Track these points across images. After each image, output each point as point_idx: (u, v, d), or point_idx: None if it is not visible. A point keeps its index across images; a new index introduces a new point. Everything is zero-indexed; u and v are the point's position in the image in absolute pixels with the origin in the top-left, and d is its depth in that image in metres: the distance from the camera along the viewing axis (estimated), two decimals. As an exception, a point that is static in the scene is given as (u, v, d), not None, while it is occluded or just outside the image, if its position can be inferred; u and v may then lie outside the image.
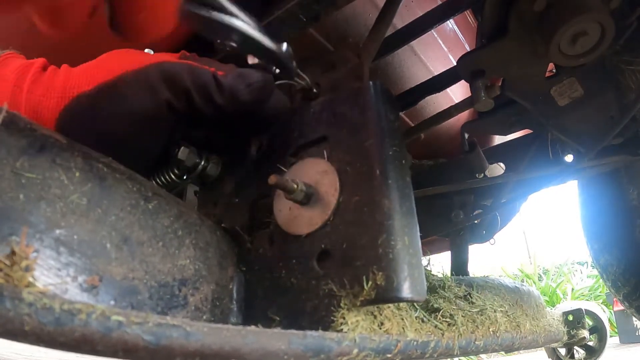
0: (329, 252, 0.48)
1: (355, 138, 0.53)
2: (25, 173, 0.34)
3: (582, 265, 6.47)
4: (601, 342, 1.77)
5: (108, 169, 0.41)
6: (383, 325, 0.47)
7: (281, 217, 0.55)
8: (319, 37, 0.96)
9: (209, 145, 0.68)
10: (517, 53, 0.78)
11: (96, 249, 0.37)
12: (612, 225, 1.37)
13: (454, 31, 1.20)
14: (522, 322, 0.85)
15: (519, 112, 1.00)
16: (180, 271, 0.44)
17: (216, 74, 0.52)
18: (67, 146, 0.39)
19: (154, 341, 0.30)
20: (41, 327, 0.28)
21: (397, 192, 0.48)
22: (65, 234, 0.35)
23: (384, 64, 1.11)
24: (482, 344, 0.66)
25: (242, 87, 0.53)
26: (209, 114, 0.54)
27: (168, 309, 0.42)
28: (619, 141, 0.99)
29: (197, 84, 0.51)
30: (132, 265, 0.39)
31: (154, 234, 0.42)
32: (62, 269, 0.35)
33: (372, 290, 0.42)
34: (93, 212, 0.38)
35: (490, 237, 1.35)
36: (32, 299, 0.28)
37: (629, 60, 0.82)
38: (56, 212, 0.35)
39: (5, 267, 0.29)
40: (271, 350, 0.35)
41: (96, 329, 0.29)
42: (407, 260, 0.44)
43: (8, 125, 0.36)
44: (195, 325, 0.32)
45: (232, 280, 0.53)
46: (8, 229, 0.32)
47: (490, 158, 1.21)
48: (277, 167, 0.59)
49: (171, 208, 0.46)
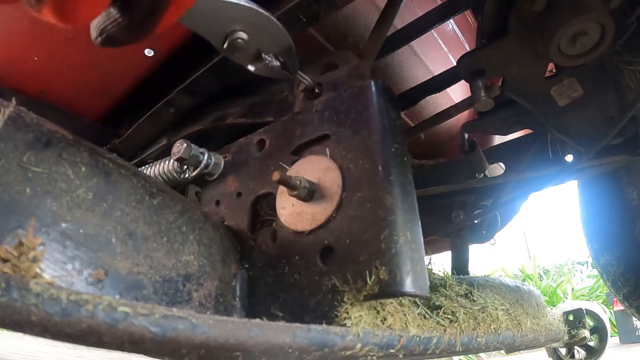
0: (332, 248, 0.49)
1: (358, 135, 0.53)
2: (31, 167, 0.35)
3: (582, 265, 6.48)
4: (602, 343, 1.77)
5: (114, 164, 0.41)
6: (386, 321, 0.47)
7: (284, 214, 0.55)
8: (319, 37, 0.97)
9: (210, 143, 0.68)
10: (517, 53, 0.78)
11: (102, 243, 0.37)
12: (612, 225, 1.37)
13: (454, 31, 1.21)
14: (523, 320, 0.85)
15: (519, 112, 1.00)
16: (185, 267, 0.45)
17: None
18: (73, 141, 0.39)
19: (160, 333, 0.30)
20: (48, 317, 0.28)
21: (399, 188, 0.48)
22: (71, 228, 0.35)
23: (384, 64, 1.12)
24: (484, 341, 0.66)
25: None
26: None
27: (172, 304, 0.43)
28: (619, 141, 1.00)
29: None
30: (137, 260, 0.39)
31: (159, 229, 0.42)
32: (68, 262, 0.35)
33: (375, 285, 0.43)
34: (99, 206, 0.38)
35: (490, 237, 1.36)
36: (40, 290, 0.28)
37: (629, 60, 0.82)
38: (62, 206, 0.35)
39: (12, 258, 0.29)
40: (276, 344, 0.36)
41: (103, 320, 0.29)
42: (410, 255, 0.44)
43: (15, 120, 0.36)
44: (201, 318, 0.32)
45: (235, 276, 0.54)
46: (15, 222, 0.32)
47: (490, 158, 1.21)
48: (279, 165, 0.60)
49: (175, 204, 0.47)
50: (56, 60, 0.81)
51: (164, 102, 0.85)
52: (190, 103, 0.86)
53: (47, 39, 0.77)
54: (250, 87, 0.85)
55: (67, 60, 0.81)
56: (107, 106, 0.94)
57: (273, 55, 0.55)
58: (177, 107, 0.86)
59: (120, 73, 0.86)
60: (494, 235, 1.36)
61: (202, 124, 0.87)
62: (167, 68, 0.84)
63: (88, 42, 0.40)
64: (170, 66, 0.84)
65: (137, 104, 0.91)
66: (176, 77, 0.83)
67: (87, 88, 0.88)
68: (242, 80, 0.84)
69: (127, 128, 0.95)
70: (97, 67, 0.83)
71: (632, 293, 1.37)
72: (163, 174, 0.80)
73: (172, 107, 0.86)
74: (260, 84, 0.83)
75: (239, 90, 0.87)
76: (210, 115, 0.87)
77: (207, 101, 0.87)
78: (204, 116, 0.88)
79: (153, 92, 0.87)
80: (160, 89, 0.85)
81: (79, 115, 0.93)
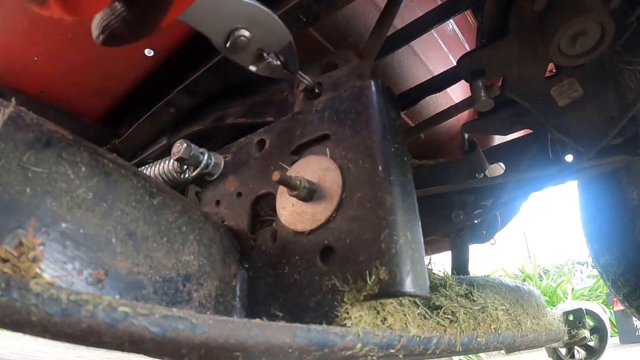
0: (332, 247, 0.49)
1: (358, 135, 0.53)
2: (31, 167, 0.35)
3: (582, 265, 6.48)
4: (602, 343, 1.77)
5: (114, 164, 0.41)
6: (386, 321, 0.47)
7: (284, 214, 0.55)
8: (319, 37, 0.97)
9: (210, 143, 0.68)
10: (517, 53, 0.78)
11: (102, 243, 0.37)
12: (612, 225, 1.37)
13: (454, 31, 1.21)
14: (523, 320, 0.85)
15: (519, 112, 1.00)
16: (185, 267, 0.45)
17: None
18: (73, 141, 0.39)
19: (160, 333, 0.30)
20: (48, 317, 0.28)
21: (399, 188, 0.48)
22: (71, 228, 0.35)
23: (384, 64, 1.12)
24: (484, 340, 0.66)
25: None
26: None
27: (172, 304, 0.43)
28: (619, 141, 1.00)
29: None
30: (137, 260, 0.39)
31: (159, 229, 0.42)
32: (68, 262, 0.35)
33: (376, 284, 0.43)
34: (99, 206, 0.38)
35: (490, 237, 1.36)
36: (40, 290, 0.28)
37: (629, 60, 0.82)
38: (62, 206, 0.35)
39: (12, 258, 0.29)
40: (276, 344, 0.36)
41: (103, 320, 0.29)
42: (410, 255, 0.44)
43: (15, 120, 0.36)
44: (201, 318, 0.32)
45: (235, 277, 0.54)
46: (15, 222, 0.32)
47: (490, 158, 1.21)
48: (279, 165, 0.60)
49: (175, 204, 0.47)
50: (56, 60, 0.81)
51: (164, 102, 0.85)
52: (190, 103, 0.86)
53: (47, 39, 0.77)
54: (250, 87, 0.85)
55: (67, 60, 0.81)
56: (107, 106, 0.94)
57: (274, 55, 0.55)
58: (177, 107, 0.86)
59: (120, 73, 0.86)
60: (494, 235, 1.36)
61: (202, 124, 0.87)
62: (167, 68, 0.84)
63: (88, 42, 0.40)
64: (170, 66, 0.84)
65: (137, 104, 0.91)
66: (176, 77, 0.83)
67: (87, 88, 0.88)
68: (242, 80, 0.84)
69: (127, 128, 0.95)
70: (97, 67, 0.83)
71: (632, 293, 1.37)
72: (163, 174, 0.80)
73: (172, 107, 0.86)
74: (260, 84, 0.83)
75: (239, 90, 0.87)
76: (210, 115, 0.88)
77: (207, 101, 0.87)
78: (204, 116, 0.88)
79: (153, 92, 0.87)
80: (160, 89, 0.85)
81: (79, 115, 0.93)
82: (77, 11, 0.34)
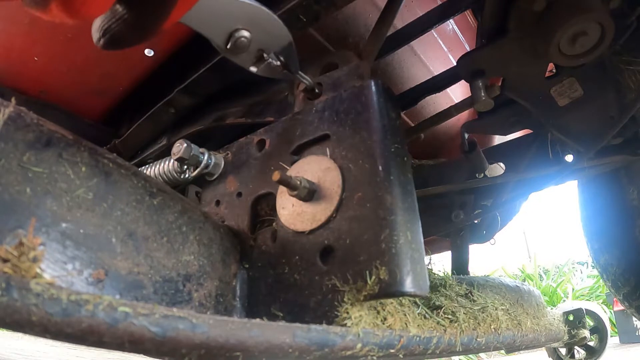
0: (332, 247, 0.49)
1: (358, 135, 0.53)
2: (32, 167, 0.35)
3: (582, 265, 6.48)
4: (602, 343, 1.77)
5: (114, 164, 0.41)
6: (386, 321, 0.47)
7: (284, 214, 0.55)
8: (319, 37, 0.97)
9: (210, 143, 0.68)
10: (517, 53, 0.78)
11: (102, 243, 0.37)
12: (612, 225, 1.37)
13: (454, 31, 1.21)
14: (523, 320, 0.85)
15: (519, 112, 1.00)
16: (185, 267, 0.45)
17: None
18: (73, 141, 0.39)
19: (160, 333, 0.30)
20: (48, 317, 0.28)
21: (399, 188, 0.48)
22: (72, 228, 0.35)
23: (384, 64, 1.12)
24: (484, 340, 0.66)
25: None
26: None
27: (172, 304, 0.43)
28: (619, 141, 1.00)
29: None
30: (137, 260, 0.39)
31: (159, 229, 0.42)
32: (68, 262, 0.35)
33: (376, 284, 0.43)
34: (99, 206, 0.38)
35: (490, 237, 1.36)
36: (40, 290, 0.28)
37: (629, 60, 0.82)
38: (62, 206, 0.35)
39: (13, 258, 0.29)
40: (276, 344, 0.36)
41: (103, 320, 0.29)
42: (410, 255, 0.44)
43: (15, 120, 0.36)
44: (201, 318, 0.32)
45: (235, 276, 0.54)
46: (15, 222, 0.32)
47: (490, 158, 1.21)
48: (279, 165, 0.60)
49: (175, 204, 0.47)
50: (56, 61, 0.81)
51: (164, 102, 0.85)
52: (190, 103, 0.86)
53: (47, 39, 0.77)
54: (250, 87, 0.85)
55: (67, 60, 0.81)
56: (107, 106, 0.94)
57: (274, 55, 0.55)
58: (177, 107, 0.86)
59: (121, 73, 0.86)
60: (494, 235, 1.36)
61: (202, 124, 0.87)
62: (167, 68, 0.84)
63: (88, 42, 0.40)
64: (170, 66, 0.84)
65: (137, 104, 0.91)
66: (176, 77, 0.83)
67: (87, 88, 0.88)
68: (242, 80, 0.84)
69: (127, 128, 0.95)
70: (97, 67, 0.83)
71: (632, 293, 1.37)
72: (163, 174, 0.80)
73: (172, 107, 0.86)
74: (260, 84, 0.83)
75: (239, 90, 0.87)
76: (210, 115, 0.88)
77: (207, 101, 0.87)
78: (204, 116, 0.88)
79: (153, 92, 0.87)
80: (160, 89, 0.85)
81: (79, 115, 0.93)
82: (79, 15, 0.34)
